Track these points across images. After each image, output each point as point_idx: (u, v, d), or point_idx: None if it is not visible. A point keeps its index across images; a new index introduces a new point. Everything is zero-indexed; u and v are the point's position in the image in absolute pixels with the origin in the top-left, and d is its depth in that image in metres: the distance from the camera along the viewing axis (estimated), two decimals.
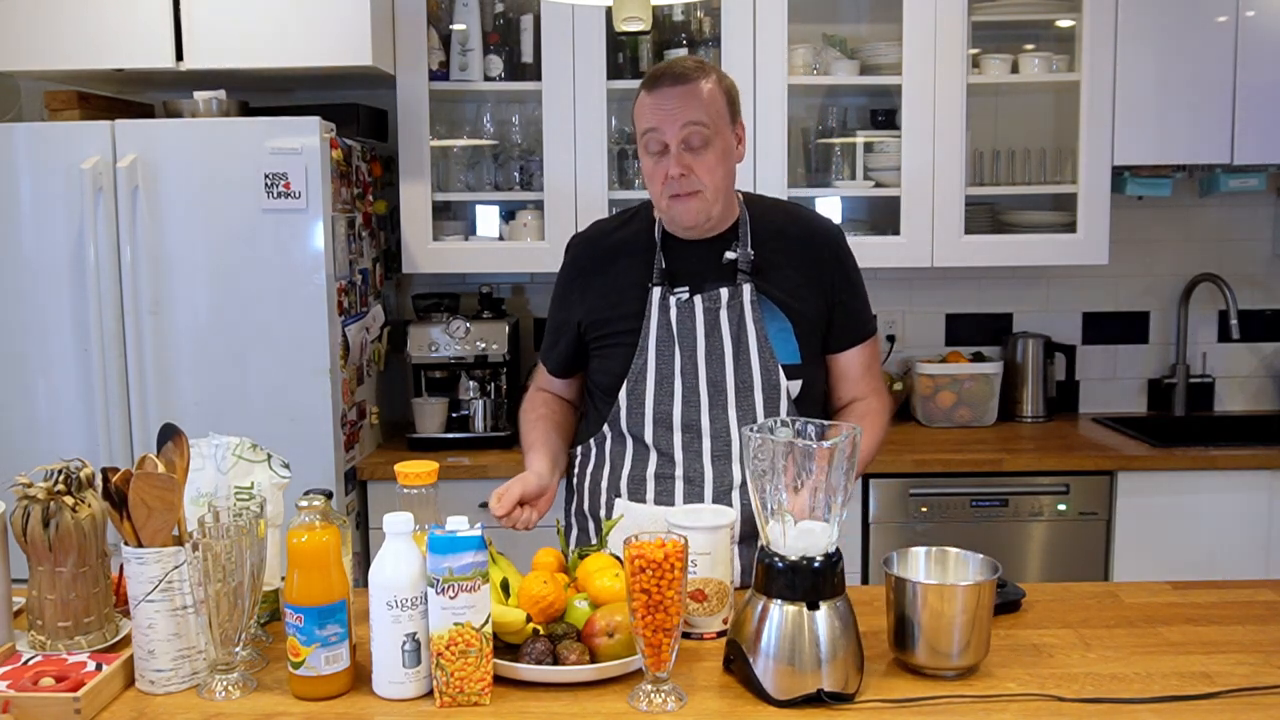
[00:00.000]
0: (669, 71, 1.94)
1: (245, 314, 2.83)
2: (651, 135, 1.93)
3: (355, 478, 3.05)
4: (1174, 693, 1.49)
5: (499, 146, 3.42)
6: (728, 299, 2.00)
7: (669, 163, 1.92)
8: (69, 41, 2.92)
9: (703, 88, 1.92)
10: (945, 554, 1.66)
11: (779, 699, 1.46)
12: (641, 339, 2.01)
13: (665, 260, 2.03)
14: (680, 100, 1.91)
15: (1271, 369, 3.70)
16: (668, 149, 1.92)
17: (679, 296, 2.00)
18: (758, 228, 2.05)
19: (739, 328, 2.00)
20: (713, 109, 1.93)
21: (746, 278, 2.00)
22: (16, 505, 1.59)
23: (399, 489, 1.68)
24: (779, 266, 2.03)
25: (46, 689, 1.46)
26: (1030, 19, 3.34)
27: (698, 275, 2.01)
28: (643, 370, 2.01)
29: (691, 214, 1.96)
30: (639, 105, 1.96)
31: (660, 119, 1.91)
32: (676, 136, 1.91)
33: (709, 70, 1.96)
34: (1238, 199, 3.60)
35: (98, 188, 2.78)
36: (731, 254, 2.01)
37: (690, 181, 1.93)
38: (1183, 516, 3.07)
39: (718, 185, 1.95)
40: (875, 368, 2.14)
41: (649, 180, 1.98)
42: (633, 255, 2.05)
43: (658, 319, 2.00)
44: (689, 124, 1.91)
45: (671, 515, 1.70)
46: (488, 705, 1.47)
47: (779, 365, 2.00)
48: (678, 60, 1.99)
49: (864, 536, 3.08)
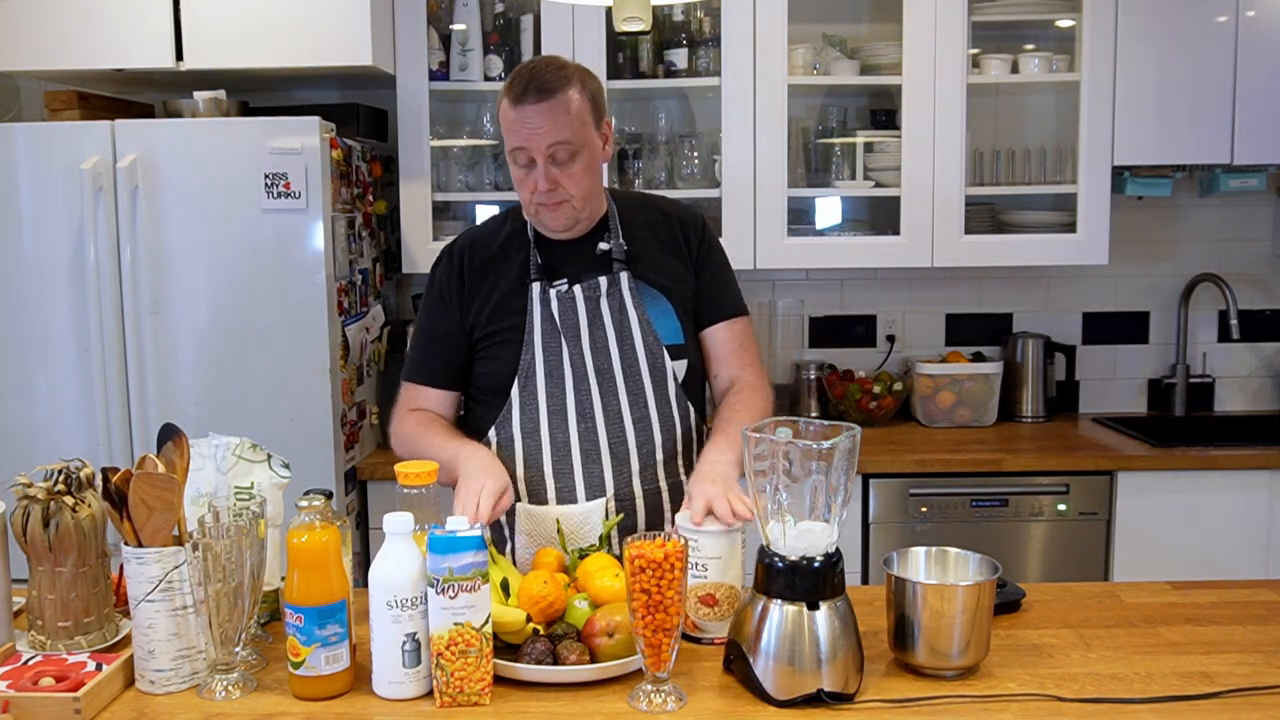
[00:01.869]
0: (532, 84, 1.91)
1: (245, 314, 2.83)
2: (519, 153, 1.94)
3: (355, 478, 3.05)
4: (1174, 693, 1.49)
5: (499, 146, 3.42)
6: (606, 287, 2.03)
7: (536, 176, 1.94)
8: (69, 41, 2.92)
9: (568, 100, 1.92)
10: (945, 554, 1.66)
11: (779, 699, 1.46)
12: (527, 334, 2.02)
13: (541, 257, 2.06)
14: (545, 117, 1.90)
15: (1271, 369, 3.70)
16: (534, 162, 1.94)
17: (559, 289, 2.03)
18: (625, 219, 2.09)
19: (620, 314, 2.03)
20: (577, 122, 1.93)
21: (622, 265, 2.04)
22: (16, 505, 1.59)
23: (399, 489, 1.68)
24: (651, 251, 2.08)
25: (46, 689, 1.46)
26: (1030, 19, 3.34)
27: (574, 268, 2.05)
28: (532, 364, 2.02)
29: (560, 220, 2.00)
30: (503, 115, 1.95)
31: (525, 138, 1.92)
32: (543, 154, 1.92)
33: (571, 76, 1.94)
34: (1238, 199, 3.60)
35: (98, 188, 2.78)
36: (605, 245, 2.06)
37: (557, 193, 1.96)
38: (1183, 516, 3.07)
39: (585, 193, 1.99)
40: (750, 347, 2.15)
41: (518, 188, 2.00)
42: (509, 257, 2.07)
43: (540, 313, 2.02)
44: (555, 143, 1.92)
45: (681, 518, 1.71)
46: (488, 705, 1.47)
47: (663, 347, 2.04)
48: (540, 68, 1.94)
49: (864, 536, 3.08)
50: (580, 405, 2.01)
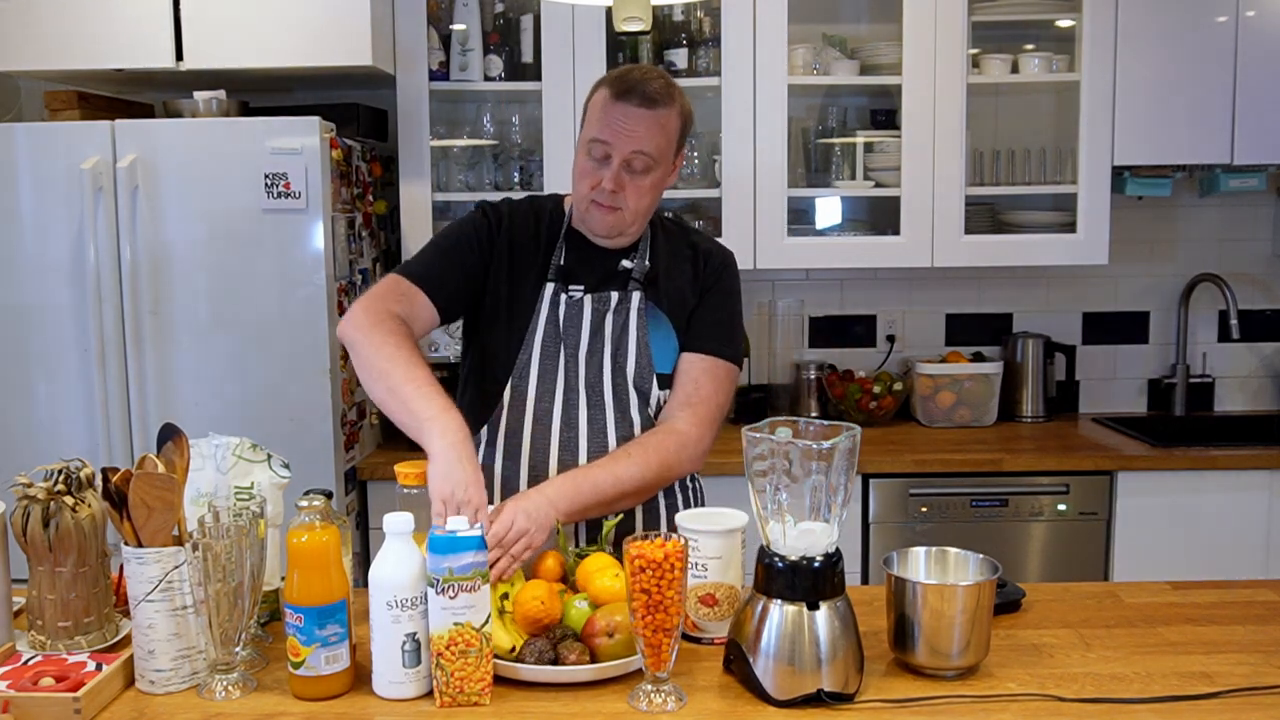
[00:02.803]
0: (640, 89, 1.91)
1: (245, 314, 2.83)
2: (598, 144, 1.94)
3: (355, 478, 3.05)
4: (1174, 693, 1.49)
5: (499, 146, 3.42)
6: (616, 303, 2.02)
7: (605, 174, 1.94)
8: (69, 41, 2.92)
9: (667, 117, 1.93)
10: (945, 554, 1.66)
11: (779, 699, 1.46)
12: (529, 334, 2.01)
13: (564, 258, 2.05)
14: (643, 125, 1.91)
15: (1271, 369, 3.70)
16: (609, 159, 1.93)
17: (571, 296, 2.02)
18: (657, 244, 2.08)
19: (621, 332, 2.02)
20: (664, 142, 1.94)
21: (638, 285, 2.03)
22: (16, 505, 1.59)
23: (399, 489, 1.68)
24: (671, 280, 2.06)
25: (46, 689, 1.46)
26: (1030, 19, 3.34)
27: (593, 277, 2.04)
28: (527, 366, 2.01)
29: (606, 226, 2.00)
30: (598, 105, 1.94)
31: (614, 135, 1.91)
32: (623, 156, 1.92)
33: (675, 95, 1.95)
34: (1238, 199, 3.60)
35: (98, 188, 2.78)
36: (628, 263, 2.05)
37: (617, 199, 1.95)
38: (1183, 516, 3.07)
39: (640, 210, 1.98)
40: (703, 391, 2.00)
41: (580, 178, 1.99)
42: (538, 248, 2.06)
43: (547, 314, 2.02)
44: (639, 151, 1.92)
45: (682, 518, 1.71)
46: (488, 705, 1.47)
47: (654, 374, 2.02)
48: (651, 75, 1.95)
49: (864, 536, 3.08)
50: (566, 415, 2.00)
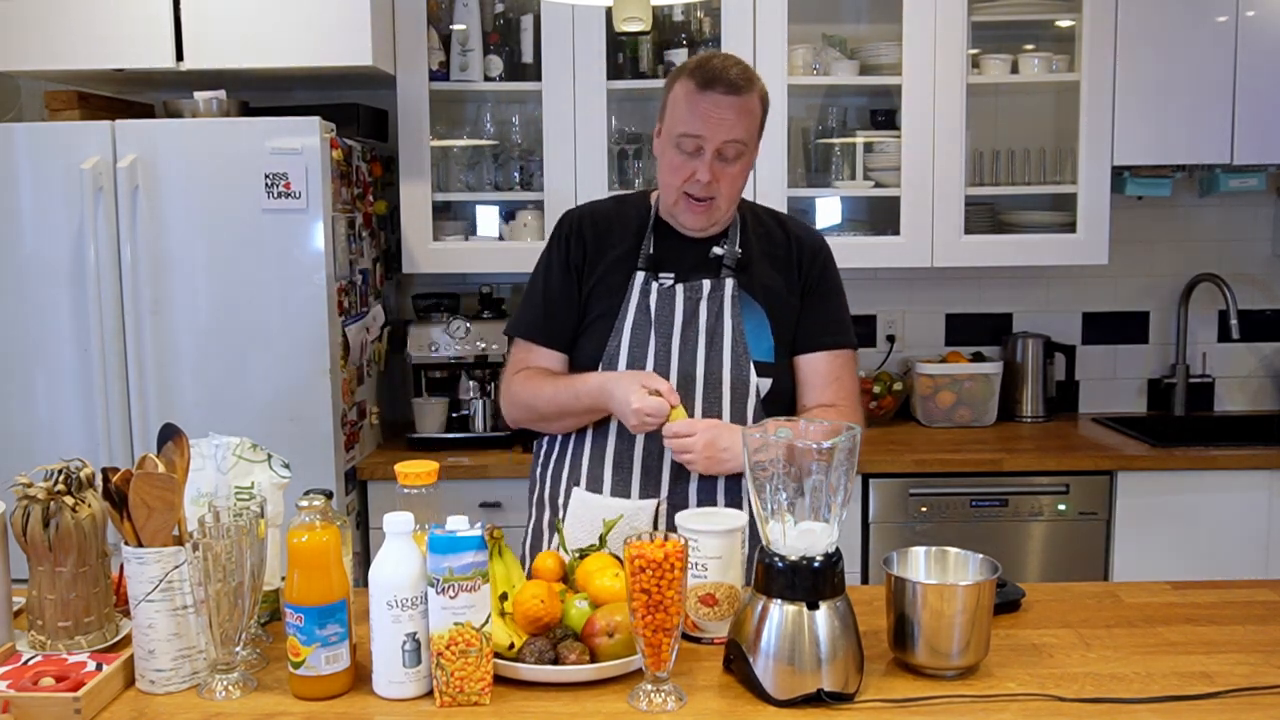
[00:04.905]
0: (725, 78, 1.90)
1: (245, 314, 2.83)
2: (689, 138, 1.92)
3: (355, 478, 3.05)
4: (1174, 693, 1.49)
5: (499, 146, 3.42)
6: (709, 290, 2.01)
7: (699, 165, 1.93)
8: (69, 41, 2.92)
9: (753, 103, 1.94)
10: (945, 554, 1.66)
11: (779, 699, 1.46)
12: (618, 321, 2.01)
13: (654, 247, 2.04)
14: (733, 112, 1.91)
15: (1271, 369, 3.70)
16: (701, 151, 1.92)
17: (662, 284, 2.02)
18: (747, 229, 2.07)
19: (716, 320, 2.00)
20: (753, 126, 1.95)
21: (730, 273, 2.02)
22: (16, 505, 1.59)
23: (399, 489, 1.68)
24: (763, 267, 2.05)
25: (46, 689, 1.46)
26: (1030, 19, 3.34)
27: (683, 266, 2.03)
28: (616, 353, 2.01)
29: (700, 219, 1.99)
30: (683, 98, 1.93)
31: (707, 127, 1.91)
32: (716, 146, 1.92)
33: (755, 81, 1.96)
34: (1238, 199, 3.60)
35: (98, 188, 2.78)
36: (719, 250, 2.03)
37: (711, 189, 1.95)
38: (1183, 516, 3.07)
39: (733, 197, 1.99)
40: (846, 382, 2.07)
41: (669, 173, 1.97)
42: (624, 238, 2.06)
43: (637, 302, 2.01)
44: (731, 140, 1.92)
45: (681, 518, 1.70)
46: (488, 705, 1.47)
47: (751, 361, 2.01)
48: (732, 63, 1.94)
49: (864, 536, 3.08)
50: None
